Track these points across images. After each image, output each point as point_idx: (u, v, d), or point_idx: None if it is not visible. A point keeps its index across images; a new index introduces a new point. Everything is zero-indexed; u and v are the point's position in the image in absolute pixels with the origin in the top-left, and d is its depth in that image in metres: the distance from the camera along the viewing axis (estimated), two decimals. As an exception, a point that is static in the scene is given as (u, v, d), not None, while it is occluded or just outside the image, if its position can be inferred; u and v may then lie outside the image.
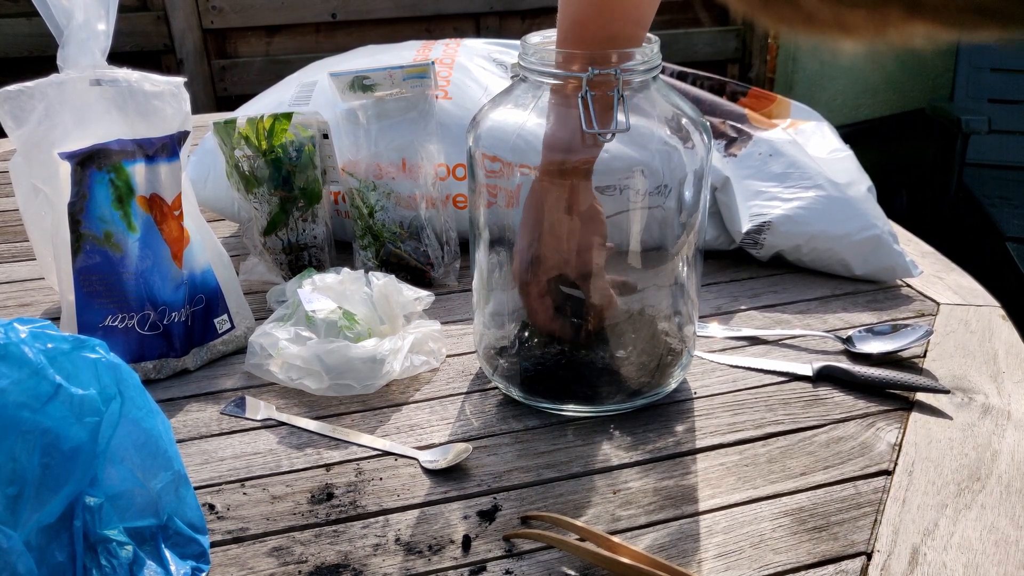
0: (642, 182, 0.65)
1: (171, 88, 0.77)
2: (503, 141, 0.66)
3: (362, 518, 0.61)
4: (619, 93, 0.62)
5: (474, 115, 0.70)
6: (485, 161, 0.67)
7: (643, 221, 0.68)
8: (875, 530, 0.58)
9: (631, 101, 0.64)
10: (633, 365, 0.72)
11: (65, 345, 0.49)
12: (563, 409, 0.71)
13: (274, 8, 2.70)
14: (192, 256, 0.79)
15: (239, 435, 0.70)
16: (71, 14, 0.72)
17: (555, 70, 0.63)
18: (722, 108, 1.01)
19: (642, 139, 0.65)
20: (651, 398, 0.71)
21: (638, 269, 0.70)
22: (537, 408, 0.71)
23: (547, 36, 0.68)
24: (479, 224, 0.71)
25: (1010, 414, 0.70)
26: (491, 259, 0.71)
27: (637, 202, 0.66)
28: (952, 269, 0.96)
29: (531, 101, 0.66)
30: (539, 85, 0.66)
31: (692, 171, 0.66)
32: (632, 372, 0.71)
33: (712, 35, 3.11)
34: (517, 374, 0.72)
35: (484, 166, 0.68)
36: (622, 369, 0.71)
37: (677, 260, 0.70)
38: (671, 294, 0.72)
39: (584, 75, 0.61)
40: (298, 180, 0.90)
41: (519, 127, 0.66)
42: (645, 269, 0.70)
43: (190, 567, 0.55)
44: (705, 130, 0.67)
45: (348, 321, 0.76)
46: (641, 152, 0.65)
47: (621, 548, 0.55)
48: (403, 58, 1.04)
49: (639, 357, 0.72)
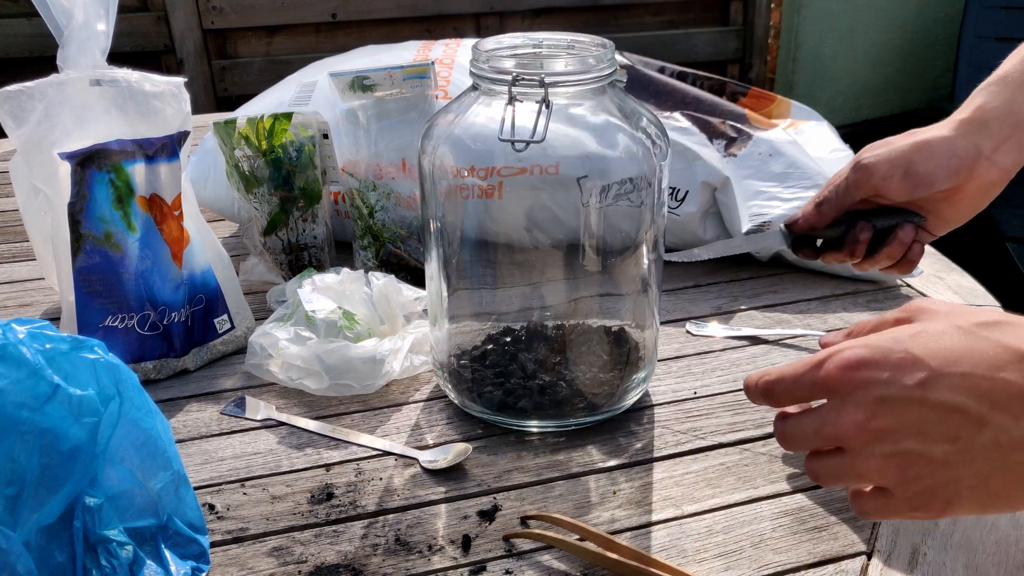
0: (598, 184, 0.64)
1: (171, 88, 0.77)
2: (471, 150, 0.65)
3: (362, 518, 0.61)
4: (544, 100, 0.60)
5: (427, 125, 0.68)
6: (449, 170, 0.65)
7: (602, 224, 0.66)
8: (875, 530, 0.58)
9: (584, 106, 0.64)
10: (592, 381, 0.70)
11: (63, 345, 0.49)
12: (526, 425, 0.69)
13: (274, 8, 2.70)
14: (192, 256, 0.79)
15: (239, 435, 0.70)
16: (71, 14, 0.72)
17: (504, 76, 0.61)
18: (722, 108, 1.01)
19: (599, 141, 0.64)
20: (613, 412, 0.70)
21: (596, 273, 0.69)
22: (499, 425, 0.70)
23: (500, 42, 0.67)
24: (435, 234, 0.68)
25: (1010, 414, 0.70)
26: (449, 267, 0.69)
27: (593, 204, 0.65)
28: (952, 269, 0.96)
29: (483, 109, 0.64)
30: (492, 92, 0.64)
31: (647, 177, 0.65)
32: (591, 388, 0.69)
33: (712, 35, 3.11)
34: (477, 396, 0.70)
35: (448, 174, 0.66)
36: (582, 387, 0.69)
37: (637, 265, 0.69)
38: (632, 302, 0.71)
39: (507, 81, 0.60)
40: (298, 180, 0.90)
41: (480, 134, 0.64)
42: (603, 274, 0.69)
43: (190, 567, 0.55)
44: (663, 137, 0.66)
45: (348, 321, 0.76)
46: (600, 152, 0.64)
47: (621, 548, 0.55)
48: (403, 58, 1.04)
49: (599, 372, 0.70)
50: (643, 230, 0.67)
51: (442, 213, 0.67)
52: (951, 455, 0.42)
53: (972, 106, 0.69)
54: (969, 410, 0.41)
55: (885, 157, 0.69)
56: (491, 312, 0.74)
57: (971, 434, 0.41)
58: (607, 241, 0.68)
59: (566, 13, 2.95)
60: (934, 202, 0.70)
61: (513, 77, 0.60)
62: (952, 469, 0.42)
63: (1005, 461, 0.41)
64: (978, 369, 0.42)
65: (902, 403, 0.42)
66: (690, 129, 0.97)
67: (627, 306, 0.72)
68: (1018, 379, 0.41)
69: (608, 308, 0.72)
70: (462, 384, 0.71)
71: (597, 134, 0.65)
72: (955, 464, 0.42)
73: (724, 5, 3.11)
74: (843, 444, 0.45)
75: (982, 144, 0.67)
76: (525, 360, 0.70)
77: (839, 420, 0.44)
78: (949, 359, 0.42)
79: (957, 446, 0.42)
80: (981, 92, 0.69)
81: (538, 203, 0.69)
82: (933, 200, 0.70)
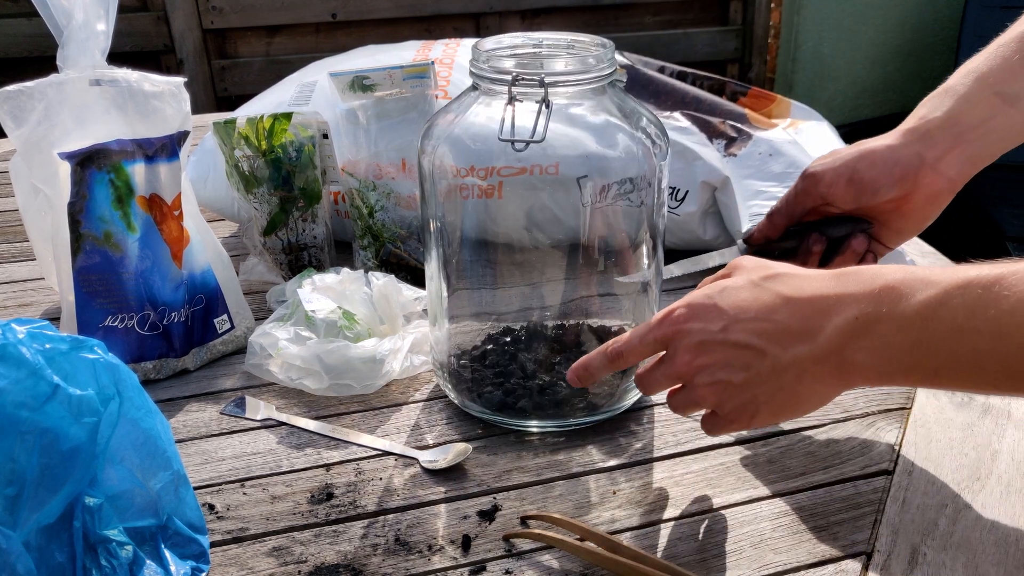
0: (598, 184, 0.64)
1: (171, 88, 0.77)
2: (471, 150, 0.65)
3: (362, 518, 0.61)
4: (544, 100, 0.60)
5: (427, 125, 0.68)
6: (449, 170, 0.65)
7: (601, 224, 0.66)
8: (875, 530, 0.58)
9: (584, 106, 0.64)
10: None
11: (63, 345, 0.49)
12: (526, 425, 0.69)
13: (274, 8, 2.70)
14: (192, 256, 0.79)
15: (239, 435, 0.70)
16: (71, 14, 0.72)
17: (504, 76, 0.61)
18: (722, 108, 1.01)
19: (599, 140, 0.64)
20: (613, 412, 0.70)
21: (596, 273, 0.69)
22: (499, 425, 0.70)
23: (500, 42, 0.67)
24: (435, 234, 0.68)
25: (1010, 414, 0.70)
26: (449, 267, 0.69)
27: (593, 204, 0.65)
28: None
29: (483, 109, 0.64)
30: (492, 92, 0.64)
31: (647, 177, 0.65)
32: (591, 387, 0.69)
33: (712, 35, 3.11)
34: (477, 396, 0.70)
35: (448, 174, 0.66)
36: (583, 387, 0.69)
37: (637, 265, 0.69)
38: (632, 302, 0.71)
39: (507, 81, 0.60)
40: (298, 180, 0.90)
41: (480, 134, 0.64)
42: (603, 274, 0.69)
43: (190, 567, 0.55)
44: (663, 137, 0.66)
45: (348, 321, 0.76)
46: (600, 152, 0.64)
47: (621, 548, 0.55)
48: (403, 58, 1.04)
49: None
50: (643, 230, 0.67)
51: (442, 213, 0.67)
52: (747, 380, 0.55)
53: (916, 116, 0.71)
54: (754, 346, 0.54)
55: (830, 166, 0.72)
56: (491, 312, 0.74)
57: (758, 364, 0.54)
58: (607, 241, 0.68)
59: (566, 13, 2.95)
60: (884, 212, 0.72)
61: (513, 77, 0.60)
62: (749, 391, 0.55)
63: (780, 382, 0.54)
64: (760, 314, 0.54)
65: (712, 345, 0.55)
66: (690, 129, 0.96)
67: (627, 306, 0.72)
68: (785, 319, 0.53)
69: (608, 308, 0.72)
70: (462, 384, 0.71)
71: (597, 134, 0.65)
72: (751, 386, 0.55)
73: (724, 5, 3.11)
74: (682, 381, 0.58)
75: (925, 153, 0.69)
76: (525, 360, 0.70)
77: (674, 363, 0.57)
78: (742, 308, 0.55)
79: (750, 373, 0.54)
80: (926, 103, 0.71)
81: (538, 203, 0.69)
82: (882, 210, 0.72)
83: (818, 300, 0.53)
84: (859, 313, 0.51)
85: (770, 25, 3.06)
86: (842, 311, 0.51)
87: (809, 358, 0.53)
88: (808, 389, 0.54)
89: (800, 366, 0.53)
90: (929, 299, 0.48)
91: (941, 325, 0.48)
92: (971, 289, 0.46)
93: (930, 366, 0.49)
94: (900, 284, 0.50)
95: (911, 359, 0.50)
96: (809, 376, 0.53)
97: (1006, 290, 0.45)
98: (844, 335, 0.51)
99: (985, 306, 0.45)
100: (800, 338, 0.53)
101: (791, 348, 0.53)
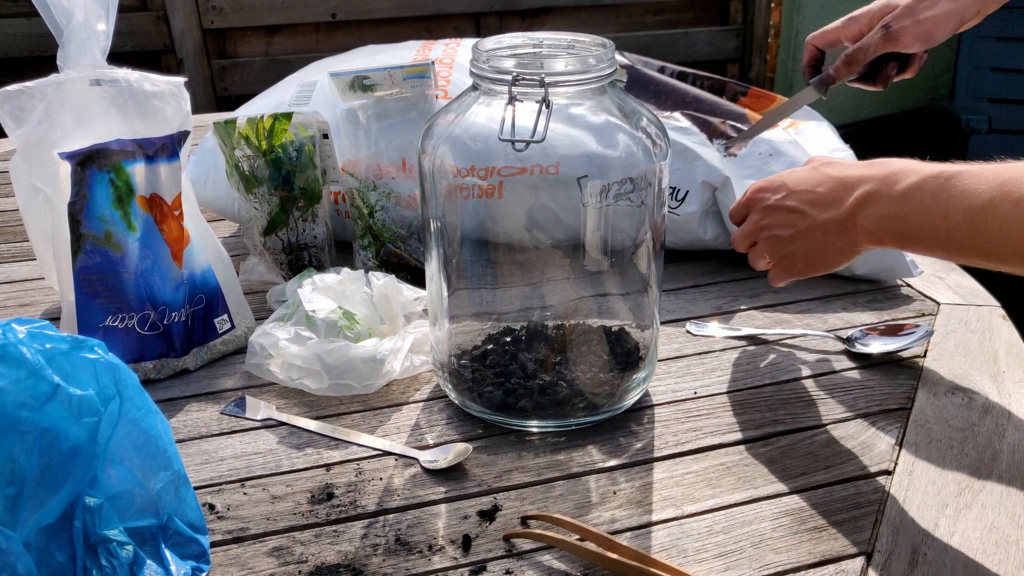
0: (598, 183, 0.64)
1: (171, 88, 0.77)
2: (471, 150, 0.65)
3: (362, 518, 0.61)
4: (544, 100, 0.60)
5: (427, 125, 0.68)
6: (449, 169, 0.65)
7: (602, 223, 0.66)
8: (875, 530, 0.58)
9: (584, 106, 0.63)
10: (593, 381, 0.70)
11: (63, 345, 0.49)
12: (527, 425, 0.69)
13: (274, 8, 2.70)
14: (192, 256, 0.79)
15: (239, 435, 0.70)
16: (71, 14, 0.72)
17: (504, 75, 0.61)
18: (722, 108, 1.01)
19: (599, 140, 0.64)
20: (613, 412, 0.70)
21: (596, 273, 0.69)
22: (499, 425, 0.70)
23: (500, 42, 0.67)
24: (435, 233, 0.68)
25: (1010, 414, 0.70)
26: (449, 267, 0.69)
27: (593, 203, 0.65)
28: (952, 269, 0.96)
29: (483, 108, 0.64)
30: (492, 92, 0.64)
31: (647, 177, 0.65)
32: (592, 387, 0.69)
33: (712, 35, 3.10)
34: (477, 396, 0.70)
35: (448, 174, 0.66)
36: (583, 387, 0.69)
37: (637, 265, 0.69)
38: (632, 302, 0.71)
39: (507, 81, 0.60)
40: (298, 180, 0.90)
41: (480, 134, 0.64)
42: (603, 274, 0.69)
43: (190, 567, 0.55)
44: (663, 137, 0.66)
45: (348, 321, 0.76)
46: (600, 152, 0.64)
47: (621, 548, 0.55)
48: (403, 58, 1.04)
49: (599, 372, 0.70)
50: (643, 230, 0.67)
51: (442, 213, 0.67)
52: (792, 236, 0.70)
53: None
54: (800, 209, 0.69)
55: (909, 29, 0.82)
56: (491, 312, 0.74)
57: (801, 223, 0.69)
58: (607, 241, 0.68)
59: (566, 13, 2.94)
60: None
61: (513, 77, 0.60)
62: (793, 244, 0.70)
63: (814, 237, 0.68)
64: (810, 187, 0.69)
65: (772, 209, 0.71)
66: (690, 129, 0.97)
67: (627, 306, 0.72)
68: (825, 191, 0.68)
69: (608, 308, 0.72)
70: (462, 384, 0.71)
71: (597, 134, 0.65)
72: (794, 240, 0.70)
73: (724, 4, 3.11)
74: (754, 239, 0.73)
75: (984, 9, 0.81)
76: (525, 360, 0.70)
77: (749, 223, 0.74)
78: (799, 183, 0.70)
79: (795, 230, 0.69)
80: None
81: (538, 203, 0.69)
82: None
83: (849, 179, 0.66)
84: (869, 189, 0.64)
85: (770, 25, 3.06)
86: (860, 187, 0.65)
87: (834, 221, 0.66)
88: (833, 246, 0.68)
89: (827, 227, 0.67)
90: (911, 184, 0.61)
91: (914, 204, 0.61)
92: (938, 179, 0.60)
93: (905, 233, 0.62)
94: (899, 171, 0.63)
95: (893, 226, 0.63)
96: (833, 235, 0.67)
97: (960, 182, 0.58)
98: (857, 204, 0.65)
99: (945, 192, 0.59)
100: (831, 205, 0.67)
101: (824, 212, 0.67)
